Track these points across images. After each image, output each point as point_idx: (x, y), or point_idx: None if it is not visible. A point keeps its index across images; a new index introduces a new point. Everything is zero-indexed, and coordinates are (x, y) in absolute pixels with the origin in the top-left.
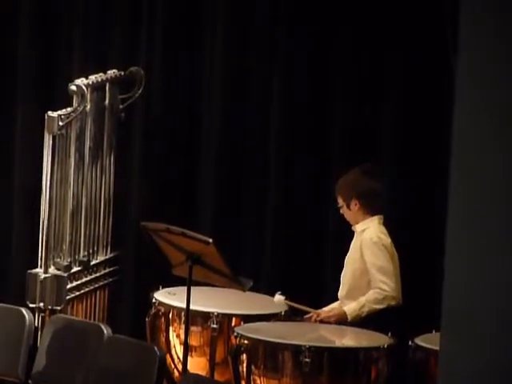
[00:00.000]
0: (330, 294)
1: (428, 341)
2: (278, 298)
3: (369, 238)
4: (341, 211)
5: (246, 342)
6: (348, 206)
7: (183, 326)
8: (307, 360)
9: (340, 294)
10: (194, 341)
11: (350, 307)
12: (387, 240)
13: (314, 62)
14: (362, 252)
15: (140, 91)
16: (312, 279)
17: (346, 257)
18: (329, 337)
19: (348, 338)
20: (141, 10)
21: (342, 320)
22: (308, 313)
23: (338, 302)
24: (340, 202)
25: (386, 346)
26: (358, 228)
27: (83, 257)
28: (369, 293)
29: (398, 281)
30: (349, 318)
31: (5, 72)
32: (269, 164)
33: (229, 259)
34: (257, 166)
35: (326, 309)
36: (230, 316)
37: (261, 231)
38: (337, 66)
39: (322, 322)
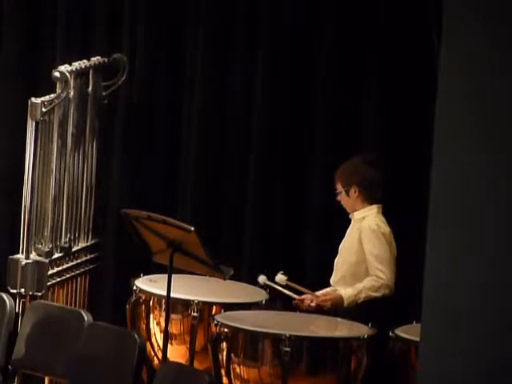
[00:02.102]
0: (310, 283)
1: (408, 332)
2: (280, 277)
3: (368, 225)
4: (338, 198)
5: (226, 330)
6: (347, 193)
7: (164, 314)
8: (287, 349)
9: (332, 279)
10: (174, 329)
11: (347, 292)
12: (386, 228)
13: (297, 61)
14: (360, 240)
15: (123, 78)
16: (293, 268)
17: (341, 244)
18: (309, 326)
19: (328, 328)
20: None
21: (337, 304)
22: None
23: (331, 288)
24: (339, 188)
25: (366, 336)
26: (356, 216)
27: (64, 243)
28: (366, 279)
29: (393, 270)
30: (345, 302)
31: None
32: (250, 153)
33: (210, 247)
34: (238, 155)
35: (319, 293)
36: (210, 304)
37: (242, 219)
38: (319, 65)
39: (317, 305)
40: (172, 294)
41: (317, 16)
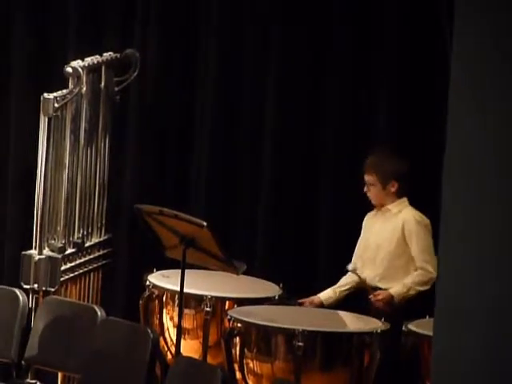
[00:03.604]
0: (323, 278)
1: (421, 326)
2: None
3: (412, 217)
4: (367, 189)
5: (239, 325)
6: (384, 186)
7: (177, 309)
8: (300, 344)
9: (369, 274)
10: (187, 324)
11: (397, 291)
12: (427, 220)
13: (309, 60)
14: (403, 232)
15: (135, 74)
16: (305, 263)
17: (375, 237)
18: (322, 321)
19: (341, 323)
20: None
21: (388, 303)
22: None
23: (333, 288)
24: (372, 180)
25: (379, 330)
26: (392, 209)
27: (77, 238)
28: (413, 275)
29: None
30: (396, 300)
31: (0, 54)
32: (263, 150)
33: (222, 243)
34: (251, 151)
35: (321, 295)
36: (223, 299)
37: (254, 215)
38: (332, 66)
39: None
40: (185, 289)
41: (330, 15)
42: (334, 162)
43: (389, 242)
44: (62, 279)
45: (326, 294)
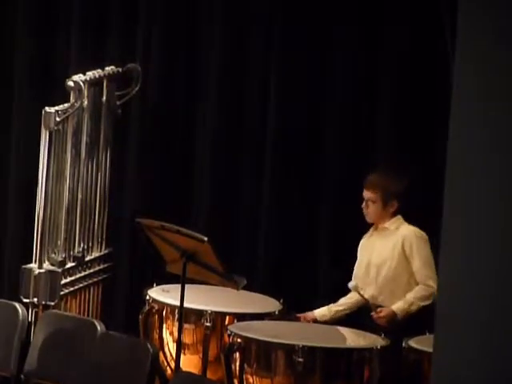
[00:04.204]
0: (323, 293)
1: (421, 342)
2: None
3: (412, 232)
4: (365, 205)
5: (239, 340)
6: (385, 205)
7: (176, 324)
8: (300, 359)
9: (371, 294)
10: (187, 338)
11: (399, 307)
12: (426, 235)
13: (312, 61)
14: (403, 248)
15: (137, 88)
16: (305, 278)
17: (376, 257)
18: (322, 336)
19: (341, 338)
20: (138, 6)
21: (391, 320)
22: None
23: (329, 306)
24: (373, 198)
25: (379, 346)
26: (389, 226)
27: (78, 252)
28: (415, 289)
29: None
30: (399, 316)
31: (2, 67)
32: (264, 163)
33: (223, 258)
34: (252, 166)
35: (316, 312)
36: (223, 314)
37: (254, 230)
38: (332, 66)
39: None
40: (185, 304)
41: (330, 15)
42: (334, 161)
43: (390, 259)
44: (61, 293)
45: (321, 312)
